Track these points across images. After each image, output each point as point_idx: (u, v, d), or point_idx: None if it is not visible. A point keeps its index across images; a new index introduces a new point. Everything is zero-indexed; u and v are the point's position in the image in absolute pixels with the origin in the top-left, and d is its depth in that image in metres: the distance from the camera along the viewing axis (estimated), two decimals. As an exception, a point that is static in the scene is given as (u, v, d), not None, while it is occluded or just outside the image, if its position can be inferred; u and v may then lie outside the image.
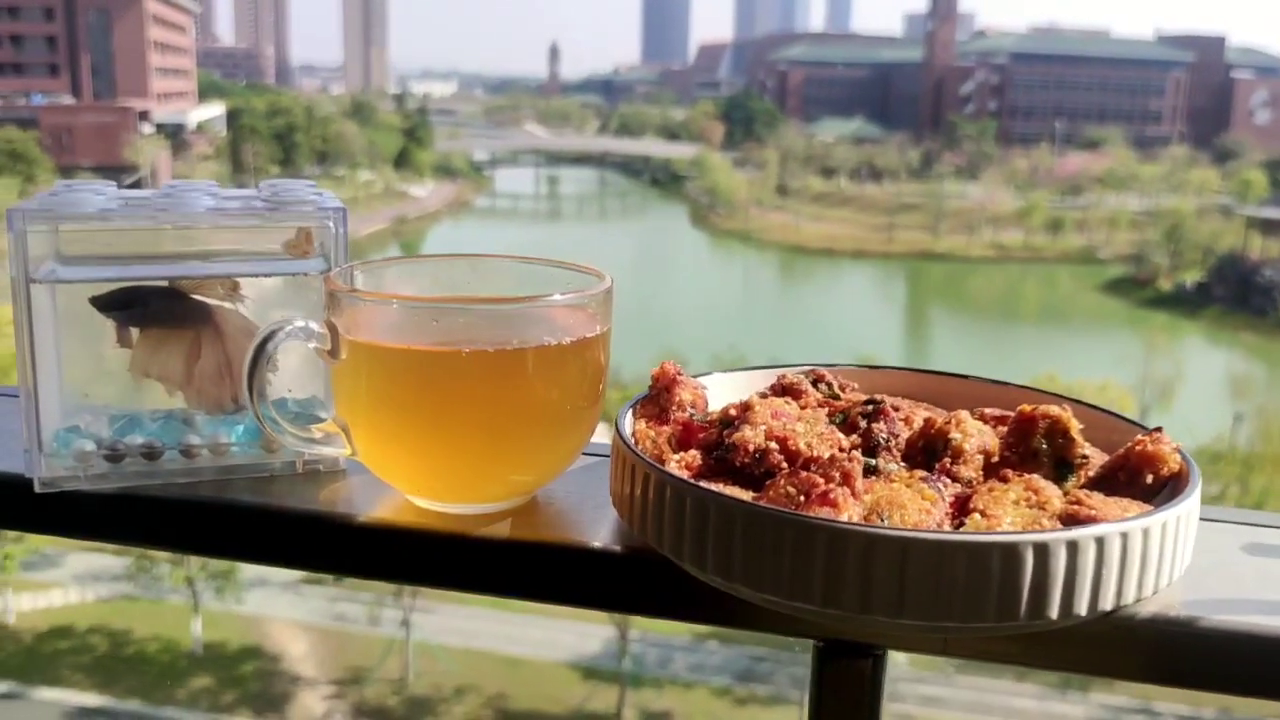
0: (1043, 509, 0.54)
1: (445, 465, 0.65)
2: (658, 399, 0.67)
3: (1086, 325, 35.70)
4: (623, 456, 0.60)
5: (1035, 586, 0.50)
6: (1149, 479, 0.58)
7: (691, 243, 50.66)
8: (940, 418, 0.62)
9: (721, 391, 0.70)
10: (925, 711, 10.51)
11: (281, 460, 0.71)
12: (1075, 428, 0.59)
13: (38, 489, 0.67)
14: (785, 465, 0.58)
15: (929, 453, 0.60)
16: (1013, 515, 0.54)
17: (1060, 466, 0.59)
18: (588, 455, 0.73)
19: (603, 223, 55.51)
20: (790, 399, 0.66)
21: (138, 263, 0.70)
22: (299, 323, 0.64)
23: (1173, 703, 9.93)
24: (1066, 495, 0.56)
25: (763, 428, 0.59)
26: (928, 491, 0.56)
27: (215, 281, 0.71)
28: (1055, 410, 0.60)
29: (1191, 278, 39.45)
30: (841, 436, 0.61)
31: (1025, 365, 24.45)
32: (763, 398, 0.65)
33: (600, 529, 0.64)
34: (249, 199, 0.72)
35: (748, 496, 0.56)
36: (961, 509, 0.56)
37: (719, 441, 0.61)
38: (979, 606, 0.50)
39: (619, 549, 0.62)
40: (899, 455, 0.61)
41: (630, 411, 0.66)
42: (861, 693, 0.62)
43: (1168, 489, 0.58)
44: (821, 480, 0.54)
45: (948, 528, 0.54)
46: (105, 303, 0.69)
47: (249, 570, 11.38)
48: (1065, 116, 68.24)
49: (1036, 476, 0.57)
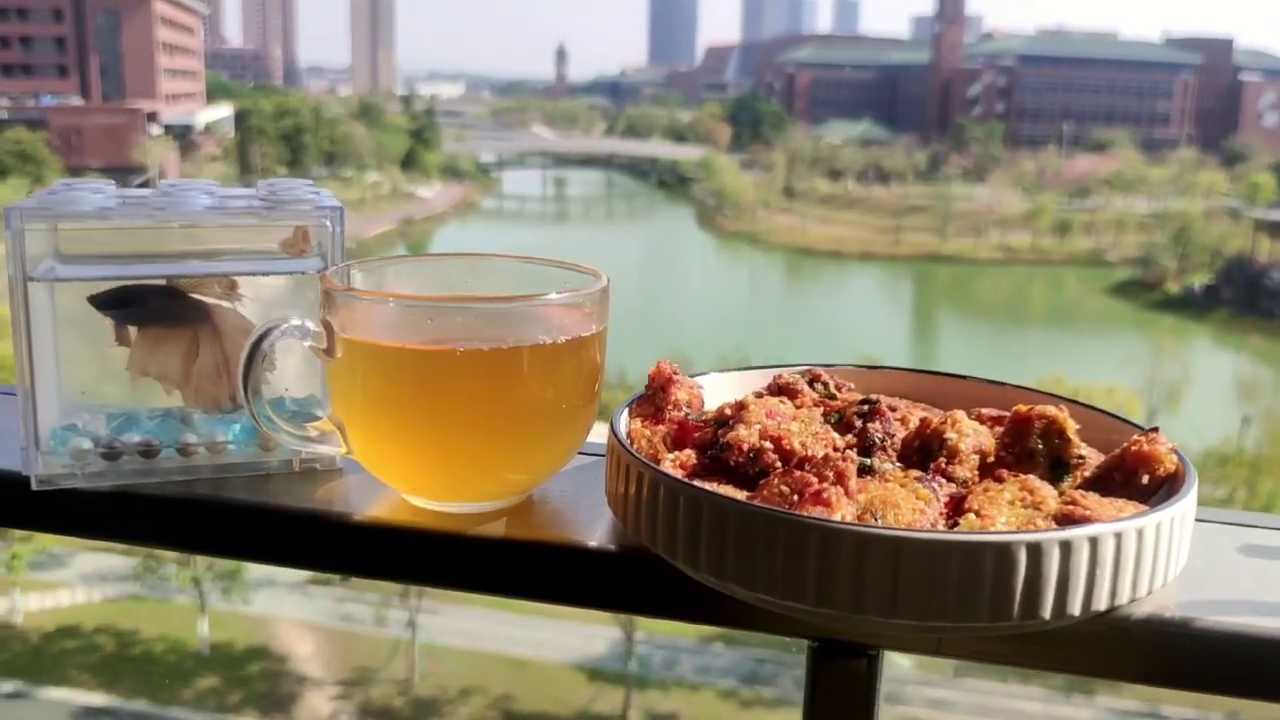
0: (1038, 509, 0.54)
1: (441, 464, 0.65)
2: (654, 398, 0.67)
3: (1094, 328, 35.57)
4: (617, 455, 0.60)
5: (1028, 586, 0.50)
6: (1145, 479, 0.58)
7: (698, 245, 50.63)
8: (936, 417, 0.62)
9: (718, 391, 0.70)
10: (930, 714, 10.50)
11: (278, 459, 0.72)
12: (1071, 428, 0.59)
13: (34, 487, 0.68)
14: (779, 464, 0.58)
15: (924, 452, 0.60)
16: (1007, 515, 0.54)
17: (1056, 467, 0.59)
18: (584, 454, 0.73)
19: (609, 224, 55.53)
20: (786, 399, 0.66)
21: (136, 261, 0.70)
22: (294, 321, 0.64)
23: (1180, 706, 9.88)
24: (1062, 495, 0.56)
25: (757, 427, 0.59)
26: (922, 491, 0.56)
27: (213, 280, 0.71)
28: (1051, 410, 0.60)
29: (1199, 280, 39.35)
30: (836, 436, 0.61)
31: (1032, 368, 24.42)
32: (758, 397, 0.65)
33: (595, 528, 0.64)
34: (247, 198, 0.73)
35: (742, 496, 0.56)
36: (956, 509, 0.55)
37: (714, 441, 0.60)
38: (972, 606, 0.50)
39: (614, 548, 0.62)
40: (894, 455, 0.60)
41: (626, 411, 0.66)
42: (857, 693, 0.61)
43: (1164, 489, 0.57)
44: (815, 479, 0.54)
45: (942, 527, 0.54)
46: (103, 301, 0.69)
47: (256, 571, 11.40)
48: (1073, 119, 68.07)
49: (1032, 477, 0.57)
